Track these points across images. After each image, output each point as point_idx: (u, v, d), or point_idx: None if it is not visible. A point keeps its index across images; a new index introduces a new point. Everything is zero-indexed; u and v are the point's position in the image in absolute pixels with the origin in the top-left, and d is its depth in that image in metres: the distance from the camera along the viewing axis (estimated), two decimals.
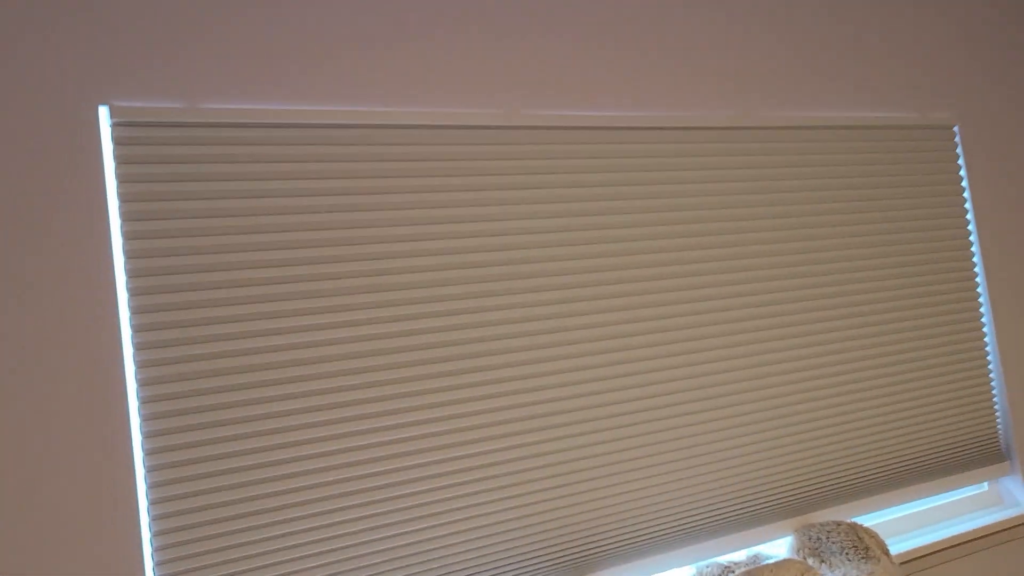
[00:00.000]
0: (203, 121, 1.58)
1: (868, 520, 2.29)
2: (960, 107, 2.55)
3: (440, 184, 1.77)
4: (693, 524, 1.96)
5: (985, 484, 2.52)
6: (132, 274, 1.50)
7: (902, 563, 2.20)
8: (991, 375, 2.49)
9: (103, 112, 1.54)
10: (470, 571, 1.71)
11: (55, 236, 1.47)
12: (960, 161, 2.55)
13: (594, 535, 1.84)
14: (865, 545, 1.96)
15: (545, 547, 1.78)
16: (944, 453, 2.36)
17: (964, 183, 2.54)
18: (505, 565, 1.75)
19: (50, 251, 1.46)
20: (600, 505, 1.85)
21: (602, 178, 1.95)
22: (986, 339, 2.50)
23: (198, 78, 1.59)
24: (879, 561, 1.92)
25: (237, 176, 1.60)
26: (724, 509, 2.01)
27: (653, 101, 2.06)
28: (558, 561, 1.80)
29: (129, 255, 1.51)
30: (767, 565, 1.76)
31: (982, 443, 2.45)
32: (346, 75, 1.73)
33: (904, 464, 2.29)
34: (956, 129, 2.55)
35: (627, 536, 1.88)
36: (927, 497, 2.35)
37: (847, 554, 1.96)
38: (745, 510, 2.03)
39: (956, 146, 2.54)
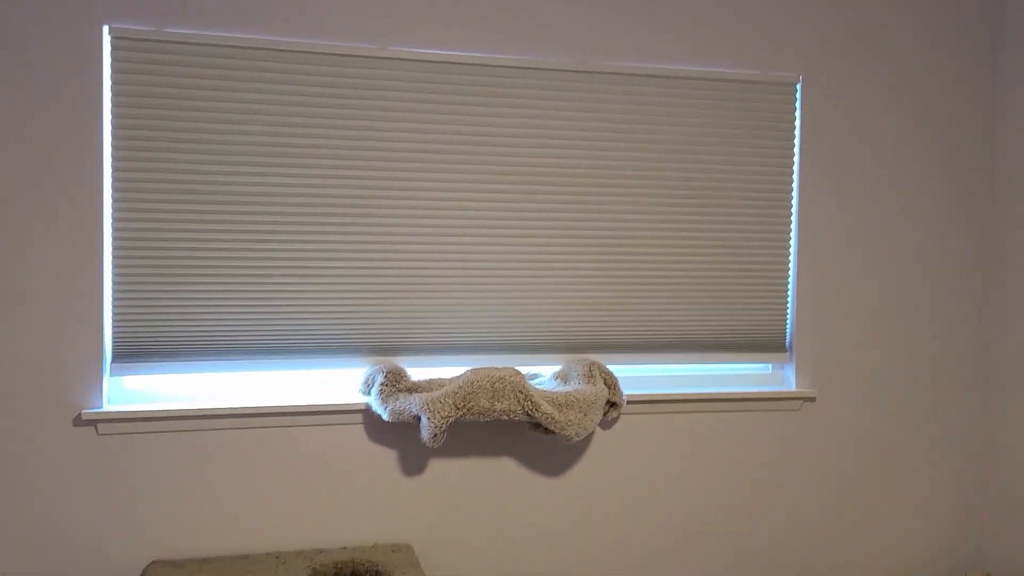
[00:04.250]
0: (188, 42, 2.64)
1: (676, 369, 3.16)
2: (804, 63, 3.16)
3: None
4: (501, 340, 2.95)
5: (769, 366, 3.30)
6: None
7: (693, 401, 3.07)
8: (788, 288, 3.21)
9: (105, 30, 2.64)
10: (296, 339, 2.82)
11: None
12: (797, 113, 3.18)
13: (420, 329, 2.89)
14: (591, 374, 2.88)
15: (372, 331, 2.85)
16: (742, 335, 3.16)
17: (796, 133, 3.18)
18: (330, 343, 2.83)
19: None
20: (430, 308, 2.88)
21: (497, 111, 2.86)
22: (789, 261, 3.21)
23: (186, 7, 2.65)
24: (594, 384, 2.84)
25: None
26: (528, 335, 2.97)
27: (501, 43, 2.91)
28: (382, 343, 2.86)
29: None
30: (493, 367, 2.75)
31: (772, 335, 3.22)
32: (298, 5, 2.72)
33: (704, 336, 3.13)
34: (799, 84, 3.17)
35: (441, 336, 2.90)
36: (720, 363, 3.16)
37: (579, 378, 2.89)
38: (544, 341, 2.98)
39: (795, 100, 3.17)
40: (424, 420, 2.60)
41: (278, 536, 2.75)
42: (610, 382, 2.89)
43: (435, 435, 2.60)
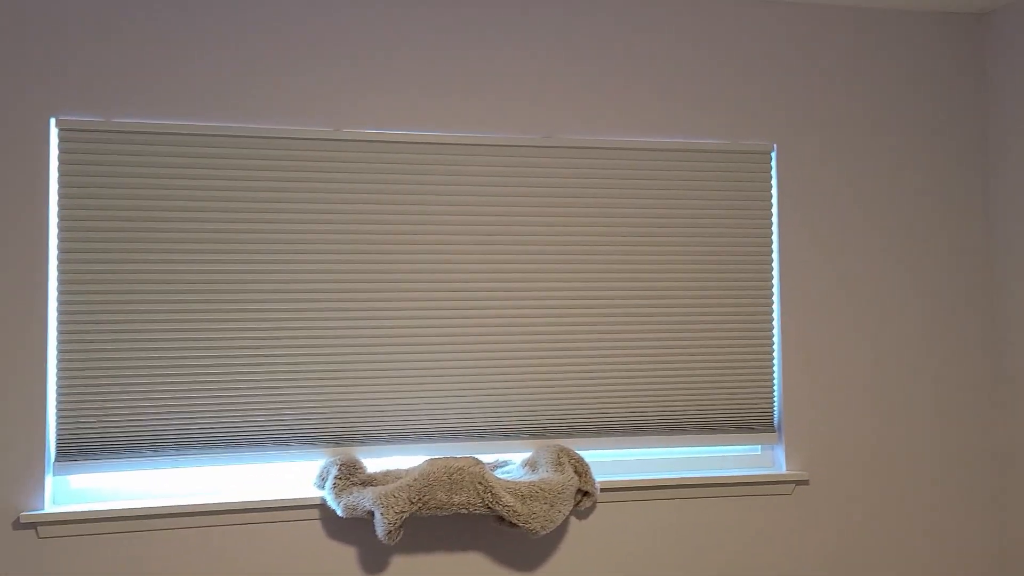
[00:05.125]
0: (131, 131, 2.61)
1: (658, 453, 2.99)
2: (778, 130, 3.05)
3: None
4: (464, 427, 2.81)
5: (758, 448, 3.11)
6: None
7: (676, 487, 2.89)
8: (773, 364, 3.04)
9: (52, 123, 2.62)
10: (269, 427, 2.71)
11: None
12: (773, 182, 3.07)
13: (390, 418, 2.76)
14: (560, 461, 2.73)
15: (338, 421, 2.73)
16: (725, 415, 2.99)
17: (774, 201, 3.07)
18: (284, 434, 2.71)
19: None
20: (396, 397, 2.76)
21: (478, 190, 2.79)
22: (773, 335, 3.06)
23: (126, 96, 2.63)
24: (563, 472, 2.69)
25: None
26: (493, 422, 2.82)
27: (463, 121, 2.85)
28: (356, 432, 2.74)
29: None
30: (451, 457, 2.61)
31: (758, 414, 3.05)
32: (249, 95, 2.69)
33: (685, 417, 2.96)
34: (773, 153, 3.06)
35: (403, 425, 2.78)
36: (703, 446, 2.99)
37: (548, 466, 2.74)
38: (511, 427, 2.83)
39: (770, 169, 3.07)
40: (378, 516, 2.46)
41: None
42: (580, 469, 2.73)
43: (389, 532, 2.46)
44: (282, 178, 2.69)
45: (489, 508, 2.53)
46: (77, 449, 2.54)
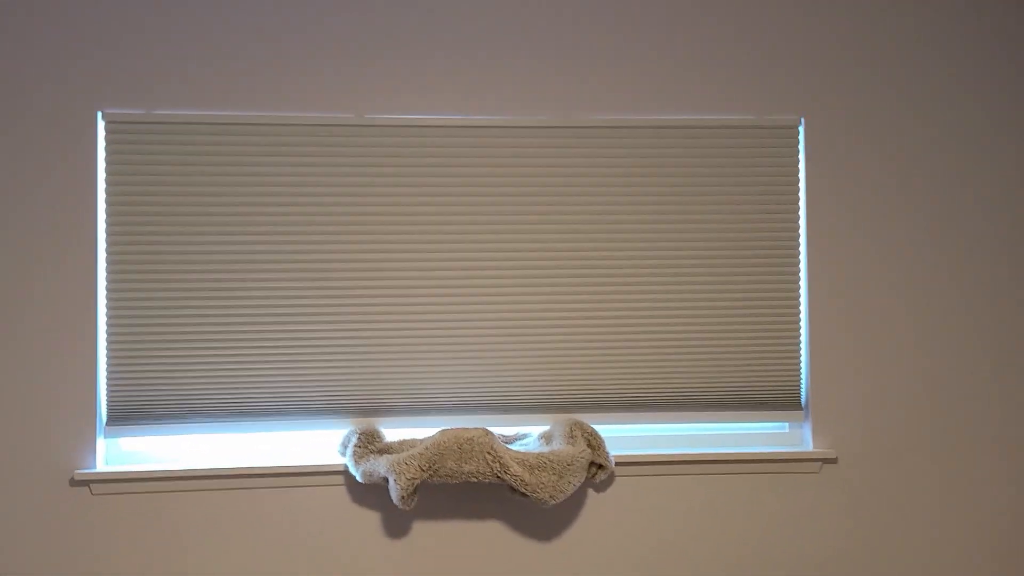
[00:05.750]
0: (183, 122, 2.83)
1: (686, 429, 3.02)
2: (805, 104, 3.01)
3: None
4: (483, 401, 2.92)
5: (786, 426, 3.09)
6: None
7: (698, 463, 2.91)
8: (801, 341, 3.01)
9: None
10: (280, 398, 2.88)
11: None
12: (801, 156, 3.03)
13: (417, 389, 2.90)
14: (573, 434, 2.80)
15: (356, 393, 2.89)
16: (750, 392, 2.99)
17: (802, 176, 3.03)
18: (314, 405, 2.88)
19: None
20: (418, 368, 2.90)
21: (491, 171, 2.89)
22: (800, 311, 3.03)
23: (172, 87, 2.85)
24: (575, 444, 2.76)
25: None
26: (512, 396, 2.92)
27: (484, 104, 2.93)
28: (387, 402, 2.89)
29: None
30: (463, 428, 2.72)
31: (785, 392, 3.03)
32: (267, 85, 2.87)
33: (709, 393, 2.97)
34: (801, 127, 3.02)
35: (420, 396, 2.91)
36: (727, 423, 3.00)
37: (561, 439, 2.81)
38: (530, 401, 2.92)
39: (798, 143, 3.03)
40: (391, 482, 2.59)
41: None
42: (594, 443, 2.79)
43: (402, 497, 2.58)
44: (310, 163, 2.84)
45: (498, 477, 2.63)
46: (126, 414, 2.78)
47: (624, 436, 3.00)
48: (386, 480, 2.63)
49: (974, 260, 3.02)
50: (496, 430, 2.91)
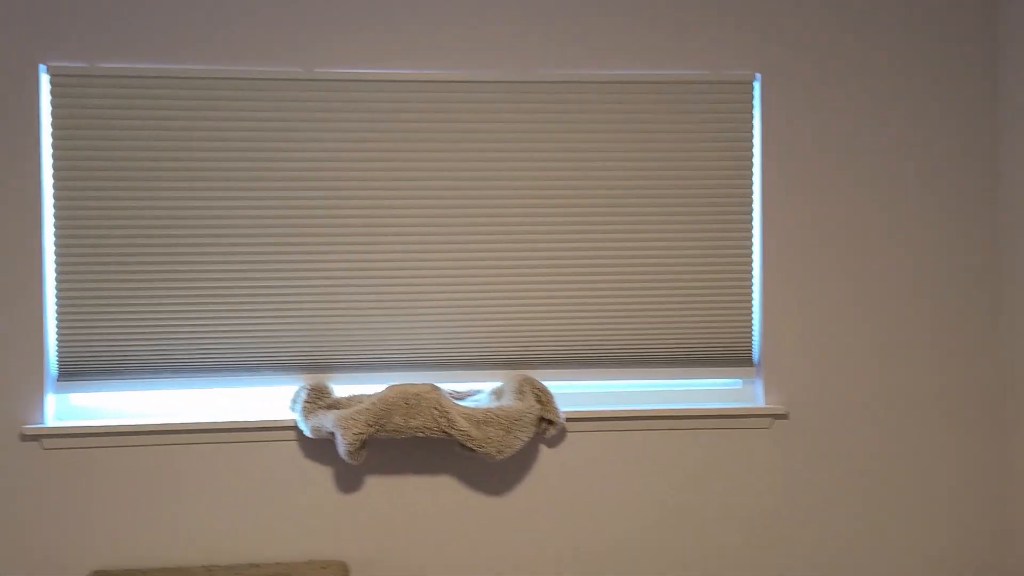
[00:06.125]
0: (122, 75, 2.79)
1: (640, 385, 3.03)
2: (762, 60, 2.98)
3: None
4: (436, 356, 2.92)
5: (739, 382, 3.11)
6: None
7: (649, 419, 2.93)
8: (753, 298, 3.01)
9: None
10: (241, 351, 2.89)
11: None
12: (756, 113, 3.01)
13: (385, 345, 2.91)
14: (522, 390, 2.81)
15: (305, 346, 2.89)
16: (703, 349, 3.00)
17: (756, 133, 3.01)
18: (266, 360, 2.88)
19: None
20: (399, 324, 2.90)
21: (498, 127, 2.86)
22: (753, 269, 3.03)
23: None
24: (523, 400, 2.77)
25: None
26: (465, 351, 2.92)
27: (435, 59, 2.90)
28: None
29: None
30: (410, 383, 2.73)
31: (736, 348, 3.04)
32: (221, 34, 2.83)
33: (661, 350, 2.98)
34: (756, 83, 2.99)
35: (375, 352, 2.91)
36: (678, 379, 3.01)
37: (510, 394, 2.83)
38: (482, 357, 2.92)
39: (753, 99, 3.00)
40: (338, 437, 2.60)
41: (214, 550, 2.81)
42: (543, 398, 2.80)
43: (349, 452, 2.60)
44: (258, 117, 2.81)
45: (445, 433, 2.64)
46: (76, 369, 2.78)
47: (578, 393, 3.01)
48: (334, 435, 2.64)
49: (925, 220, 3.02)
50: (448, 386, 2.92)
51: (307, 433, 2.69)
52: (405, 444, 2.86)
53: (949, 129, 3.00)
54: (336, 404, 2.75)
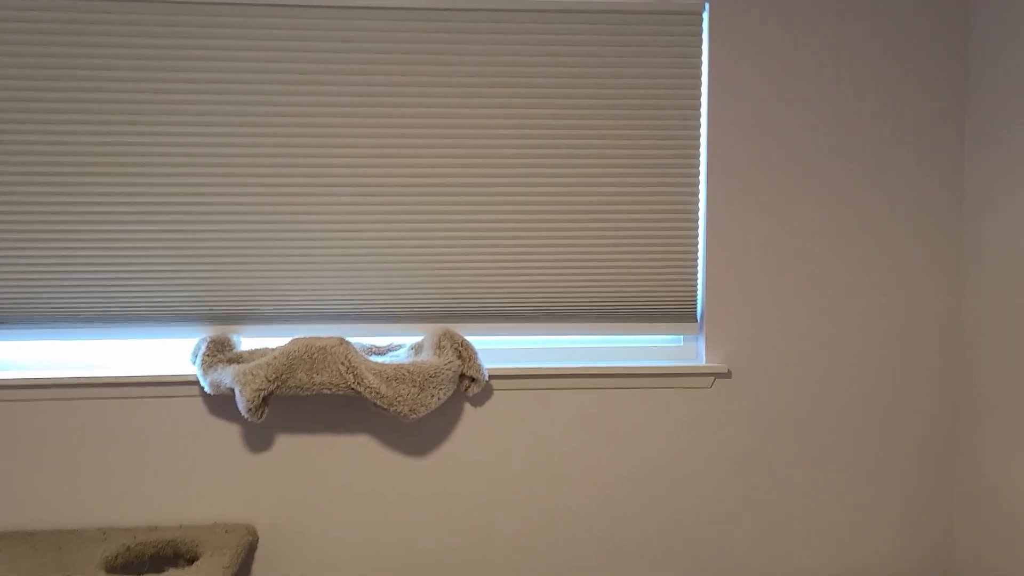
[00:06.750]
0: None
1: (585, 341, 2.84)
2: None
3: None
4: (350, 308, 2.72)
5: (681, 339, 2.91)
6: None
7: (584, 376, 2.75)
8: (697, 252, 2.80)
9: None
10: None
11: None
12: (704, 48, 2.76)
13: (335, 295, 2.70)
14: (441, 345, 2.61)
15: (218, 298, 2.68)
16: (643, 303, 2.79)
17: (704, 70, 2.76)
18: (170, 312, 2.67)
19: None
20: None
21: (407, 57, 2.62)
22: (698, 220, 2.80)
23: None
24: (442, 355, 2.57)
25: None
26: (382, 303, 2.72)
27: None
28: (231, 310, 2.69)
29: None
30: (316, 337, 2.53)
31: (679, 304, 2.83)
32: None
33: (599, 304, 2.78)
34: (705, 12, 2.74)
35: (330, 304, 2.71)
36: (617, 334, 2.80)
37: (429, 349, 2.62)
38: (402, 310, 2.72)
39: (701, 32, 2.75)
40: (237, 393, 2.41)
41: (111, 512, 2.64)
42: (465, 354, 2.60)
43: (250, 409, 2.41)
44: (166, 45, 2.57)
45: (352, 389, 2.45)
46: None
47: (510, 349, 2.82)
48: (233, 391, 2.45)
49: (879, 172, 2.79)
50: (367, 341, 2.72)
51: (207, 389, 2.50)
52: (318, 401, 2.66)
53: (911, 73, 2.76)
54: (238, 358, 2.55)
